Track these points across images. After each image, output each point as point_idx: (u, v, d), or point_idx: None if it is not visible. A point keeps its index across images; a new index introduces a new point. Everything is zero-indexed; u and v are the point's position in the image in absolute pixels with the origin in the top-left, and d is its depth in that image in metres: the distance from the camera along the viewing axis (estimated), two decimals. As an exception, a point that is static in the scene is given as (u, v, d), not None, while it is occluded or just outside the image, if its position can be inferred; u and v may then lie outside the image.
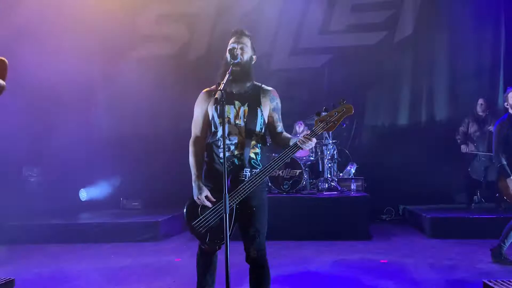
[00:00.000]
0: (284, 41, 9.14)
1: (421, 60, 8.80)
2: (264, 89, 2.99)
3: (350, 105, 2.75)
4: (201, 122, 2.97)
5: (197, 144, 2.95)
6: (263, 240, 2.86)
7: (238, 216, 2.79)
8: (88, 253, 6.03)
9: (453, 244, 5.97)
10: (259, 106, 2.91)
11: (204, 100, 2.97)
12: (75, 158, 8.26)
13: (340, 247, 5.92)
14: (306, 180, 7.06)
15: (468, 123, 7.35)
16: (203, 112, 2.96)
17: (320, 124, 2.74)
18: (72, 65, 8.41)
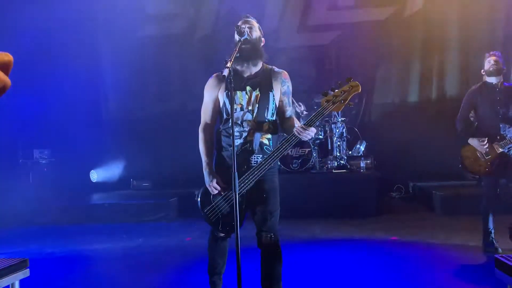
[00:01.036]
0: (292, 18, 8.99)
1: (432, 35, 8.61)
2: (275, 72, 2.90)
3: (357, 83, 2.67)
4: (211, 109, 2.90)
5: (207, 130, 2.90)
6: (275, 223, 2.80)
7: (249, 202, 2.75)
8: (99, 233, 6.11)
9: (464, 220, 5.94)
10: (271, 90, 2.82)
11: (215, 85, 2.88)
12: (85, 139, 8.30)
13: (349, 225, 5.93)
14: (315, 158, 7.03)
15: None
16: (213, 98, 2.88)
17: (320, 108, 2.66)
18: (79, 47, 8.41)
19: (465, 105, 4.71)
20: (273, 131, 2.87)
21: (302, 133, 2.61)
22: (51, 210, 6.99)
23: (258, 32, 2.89)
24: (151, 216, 6.81)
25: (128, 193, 8.38)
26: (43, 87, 8.05)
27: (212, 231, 2.94)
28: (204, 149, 2.87)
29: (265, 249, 2.80)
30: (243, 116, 2.79)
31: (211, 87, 2.90)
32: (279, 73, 2.91)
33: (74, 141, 8.12)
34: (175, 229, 6.25)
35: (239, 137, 2.78)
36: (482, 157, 4.55)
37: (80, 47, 8.50)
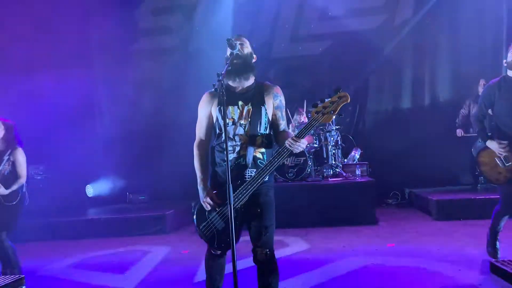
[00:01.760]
0: (284, 29, 9.10)
1: (423, 43, 8.72)
2: (267, 86, 2.92)
3: (346, 93, 2.63)
4: (205, 125, 2.91)
5: (202, 147, 2.91)
6: (270, 238, 2.78)
7: (245, 217, 2.74)
8: (97, 248, 6.08)
9: (460, 225, 5.97)
10: (263, 105, 2.84)
11: (208, 101, 2.89)
12: (80, 154, 8.29)
13: (347, 233, 5.94)
14: (311, 167, 7.06)
15: (469, 104, 7.28)
16: (207, 114, 2.89)
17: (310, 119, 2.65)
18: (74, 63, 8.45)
19: (482, 102, 4.09)
20: (266, 145, 2.86)
21: (293, 145, 2.60)
22: (47, 226, 6.94)
23: (249, 48, 2.92)
24: (148, 229, 6.79)
25: (124, 207, 8.36)
26: (37, 102, 8.04)
27: (209, 249, 2.92)
28: (199, 165, 2.88)
29: (260, 264, 2.78)
30: (235, 130, 2.80)
31: (204, 104, 2.91)
32: (271, 88, 2.93)
33: (69, 156, 8.09)
34: (172, 241, 6.23)
35: (232, 151, 2.78)
36: (501, 163, 3.98)
37: (74, 62, 8.53)
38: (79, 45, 8.71)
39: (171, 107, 8.94)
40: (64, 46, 8.33)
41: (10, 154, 4.48)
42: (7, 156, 4.46)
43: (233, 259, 2.35)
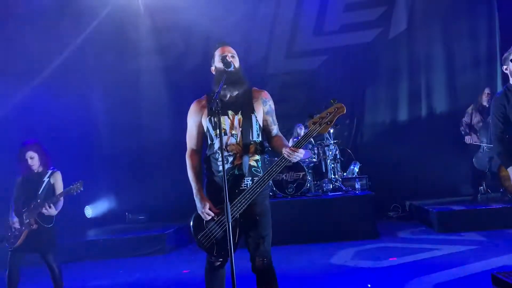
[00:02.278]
0: (279, 45, 9.16)
1: (418, 55, 8.79)
2: (255, 92, 2.95)
3: (342, 104, 2.72)
4: (196, 134, 2.94)
5: (194, 157, 2.93)
6: (268, 247, 2.80)
7: (243, 226, 2.76)
8: (96, 269, 6.01)
9: (462, 237, 5.93)
10: (252, 112, 2.87)
11: (197, 111, 2.93)
12: (78, 175, 8.21)
13: (348, 247, 5.88)
14: (310, 182, 7.03)
15: (471, 113, 7.25)
16: (196, 123, 2.92)
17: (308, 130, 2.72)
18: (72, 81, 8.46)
19: (495, 118, 3.74)
20: (260, 152, 2.90)
21: (291, 155, 2.65)
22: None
23: (237, 58, 2.96)
24: (148, 250, 6.72)
25: (123, 227, 8.29)
26: (34, 123, 8.02)
27: (208, 260, 2.90)
28: (193, 175, 2.88)
29: (259, 273, 2.79)
30: (228, 141, 2.81)
31: (193, 113, 2.94)
32: (260, 93, 2.96)
33: (67, 177, 8.02)
34: (172, 261, 6.16)
35: (226, 161, 2.78)
36: None
37: (71, 80, 8.54)
38: (77, 63, 8.71)
39: (169, 126, 8.94)
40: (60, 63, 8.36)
41: (49, 176, 4.57)
42: (47, 178, 4.53)
43: (232, 267, 2.37)
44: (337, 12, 8.93)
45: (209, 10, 9.07)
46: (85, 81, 9.09)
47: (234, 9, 9.01)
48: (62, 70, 8.37)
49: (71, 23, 8.55)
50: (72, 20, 8.59)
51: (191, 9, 8.98)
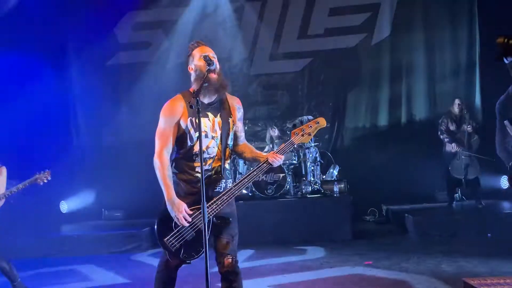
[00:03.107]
0: (264, 46, 9.17)
1: (399, 61, 8.92)
2: (230, 98, 2.94)
3: (323, 119, 2.93)
4: (170, 134, 2.80)
5: (164, 157, 2.77)
6: (236, 247, 2.83)
7: (215, 227, 2.75)
8: (71, 265, 5.91)
9: (436, 242, 6.02)
10: (230, 116, 2.87)
11: (174, 111, 2.80)
12: (55, 169, 8.07)
13: (324, 250, 5.92)
14: (289, 183, 7.06)
15: (446, 122, 7.39)
16: (172, 124, 2.80)
17: (290, 140, 2.86)
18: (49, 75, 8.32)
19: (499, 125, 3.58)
20: (231, 156, 2.97)
21: (275, 161, 2.75)
22: (18, 243, 6.71)
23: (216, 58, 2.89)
24: (123, 247, 6.65)
25: (99, 223, 8.19)
26: (11, 114, 7.85)
27: (165, 262, 2.87)
28: (165, 177, 2.74)
29: (228, 272, 2.77)
30: (209, 143, 2.80)
31: (169, 113, 2.82)
32: (234, 99, 2.97)
33: (43, 170, 7.88)
34: (148, 259, 6.10)
35: (204, 163, 2.75)
36: None
37: (50, 74, 8.40)
38: (56, 58, 8.60)
39: (148, 122, 8.80)
40: (40, 58, 8.21)
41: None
42: None
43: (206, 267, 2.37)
44: (322, 16, 9.00)
45: (195, 8, 9.06)
46: (66, 75, 8.97)
47: (220, 8, 9.02)
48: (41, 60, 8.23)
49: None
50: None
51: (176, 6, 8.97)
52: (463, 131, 7.17)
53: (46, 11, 8.34)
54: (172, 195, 2.72)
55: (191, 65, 2.89)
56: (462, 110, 7.29)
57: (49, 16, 8.37)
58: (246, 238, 2.93)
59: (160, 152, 2.79)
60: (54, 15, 8.51)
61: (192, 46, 2.93)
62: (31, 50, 8.03)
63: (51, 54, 8.45)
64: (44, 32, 8.23)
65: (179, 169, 2.85)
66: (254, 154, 2.92)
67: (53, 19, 8.45)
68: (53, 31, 8.43)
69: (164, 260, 2.88)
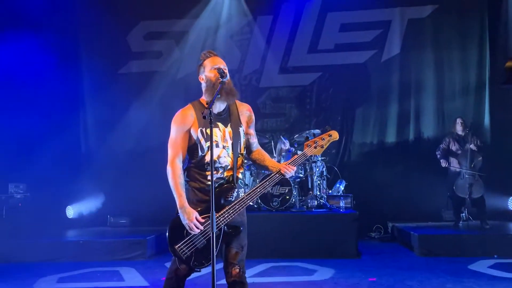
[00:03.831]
0: (274, 60, 9.24)
1: (408, 79, 8.93)
2: (240, 105, 2.98)
3: (336, 132, 3.01)
4: (181, 144, 2.84)
5: (177, 166, 2.82)
6: (244, 257, 2.85)
7: (226, 236, 2.78)
8: (74, 271, 5.92)
9: (442, 261, 5.97)
10: (240, 126, 2.92)
11: (185, 120, 2.85)
12: (63, 174, 8.18)
13: (329, 265, 5.88)
14: (295, 197, 7.05)
15: (448, 141, 7.41)
16: (183, 133, 2.84)
17: (303, 151, 2.94)
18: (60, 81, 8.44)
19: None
20: (243, 165, 3.00)
21: (287, 172, 2.83)
22: (24, 246, 6.75)
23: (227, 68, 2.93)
24: (128, 254, 6.64)
25: (104, 230, 8.21)
26: (22, 120, 7.95)
27: (175, 271, 2.87)
28: (177, 185, 2.77)
29: (234, 281, 2.77)
30: (220, 153, 2.83)
31: (180, 122, 2.86)
32: (244, 106, 3.00)
33: (51, 175, 7.96)
34: (152, 267, 6.10)
35: (216, 173, 2.81)
36: None
37: (61, 80, 8.52)
38: (68, 64, 8.72)
39: (156, 131, 8.91)
40: (53, 64, 8.34)
41: None
42: None
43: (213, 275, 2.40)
44: (332, 32, 9.07)
45: (207, 20, 9.18)
46: (77, 81, 9.09)
47: (232, 20, 9.14)
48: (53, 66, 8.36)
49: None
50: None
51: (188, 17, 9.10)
52: (466, 150, 7.15)
53: (60, 18, 8.51)
54: (184, 203, 2.75)
55: (202, 75, 2.94)
56: (465, 129, 7.30)
57: (63, 24, 8.52)
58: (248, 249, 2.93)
59: (173, 161, 2.83)
60: (68, 23, 8.67)
61: (204, 55, 2.97)
62: (44, 54, 8.17)
63: (64, 60, 8.57)
64: (58, 39, 8.38)
65: (191, 177, 2.89)
66: (267, 163, 2.98)
67: (67, 27, 8.60)
68: (67, 38, 8.59)
69: (174, 268, 2.88)
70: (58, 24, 8.45)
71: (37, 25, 8.12)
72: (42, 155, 7.97)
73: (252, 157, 3.05)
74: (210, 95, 2.76)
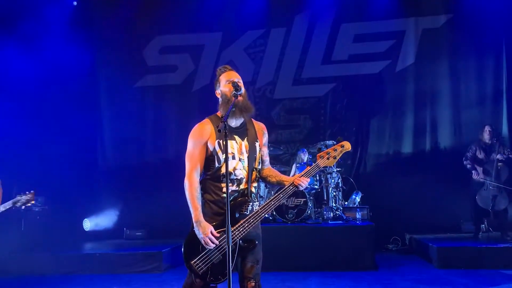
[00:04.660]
0: (287, 71, 9.26)
1: (424, 89, 8.85)
2: (256, 124, 3.04)
3: (348, 143, 3.00)
4: (199, 156, 2.87)
5: (194, 179, 2.84)
6: (259, 270, 2.85)
7: (242, 249, 2.78)
8: (90, 284, 5.95)
9: (461, 274, 5.85)
10: (256, 141, 2.95)
11: (202, 133, 2.89)
12: (80, 187, 8.29)
13: (346, 278, 5.81)
14: (310, 209, 7.00)
15: (475, 149, 7.23)
16: (200, 145, 2.87)
17: (316, 163, 2.95)
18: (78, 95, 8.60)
19: None
20: (258, 179, 3.03)
21: (301, 184, 2.83)
22: (41, 259, 6.82)
23: (242, 82, 2.97)
24: (143, 267, 6.65)
25: (120, 242, 8.25)
26: (41, 134, 8.11)
27: (191, 284, 2.85)
28: (193, 198, 2.79)
29: None
30: (236, 165, 2.85)
31: (198, 135, 2.90)
32: (260, 125, 3.07)
33: (69, 188, 8.08)
34: (167, 280, 6.10)
35: (232, 185, 2.81)
36: None
37: (79, 95, 8.68)
38: (85, 79, 8.88)
39: (172, 144, 9.02)
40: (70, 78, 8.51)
41: None
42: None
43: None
44: (346, 43, 9.06)
45: (222, 33, 9.28)
46: (94, 95, 9.25)
47: (246, 33, 9.22)
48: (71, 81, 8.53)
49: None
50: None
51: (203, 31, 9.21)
52: (492, 160, 6.99)
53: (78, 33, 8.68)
54: (200, 217, 2.76)
55: (218, 90, 3.00)
56: (492, 138, 7.13)
57: (79, 38, 8.69)
58: (263, 262, 2.93)
59: (190, 174, 2.86)
60: (85, 37, 8.83)
61: (219, 71, 3.03)
62: (63, 69, 8.36)
63: (82, 75, 8.74)
64: (76, 52, 8.54)
65: (206, 190, 2.90)
66: (279, 178, 3.00)
67: (84, 41, 8.76)
68: (85, 52, 8.74)
69: (190, 282, 2.88)
70: (77, 38, 8.62)
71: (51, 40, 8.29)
72: (60, 168, 8.09)
73: (263, 174, 3.07)
74: (225, 109, 2.79)
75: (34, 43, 8.12)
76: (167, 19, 9.19)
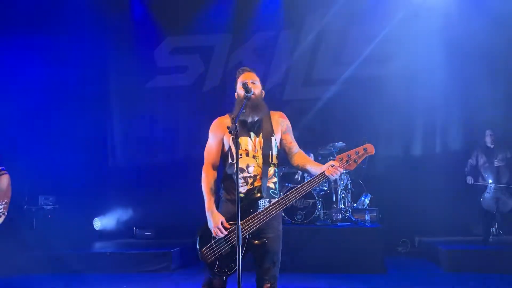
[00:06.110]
0: (297, 72, 9.25)
1: (434, 91, 8.78)
2: (273, 115, 3.07)
3: (371, 146, 2.84)
4: (215, 151, 2.99)
5: (210, 171, 2.96)
6: (277, 272, 2.86)
7: (252, 246, 2.78)
8: (100, 283, 6.01)
9: (470, 277, 5.81)
10: (272, 135, 2.96)
11: (219, 128, 2.99)
12: (90, 187, 8.37)
13: (354, 280, 5.80)
14: (319, 210, 7.00)
15: (477, 155, 7.25)
16: (217, 140, 2.99)
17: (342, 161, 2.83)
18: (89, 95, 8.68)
19: None
20: (276, 175, 2.99)
21: (335, 173, 2.75)
22: (52, 258, 6.89)
23: (259, 85, 3.05)
24: (153, 266, 6.70)
25: (130, 241, 8.31)
26: (51, 134, 8.20)
27: (209, 281, 2.90)
28: (207, 189, 2.90)
29: None
30: (249, 162, 2.88)
31: (216, 130, 3.01)
32: (276, 114, 3.10)
33: (79, 188, 8.16)
34: (177, 280, 6.14)
35: (245, 183, 2.86)
36: None
37: (90, 95, 8.77)
38: (96, 79, 8.97)
39: (182, 144, 9.06)
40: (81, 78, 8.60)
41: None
42: None
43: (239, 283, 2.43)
44: (357, 44, 9.01)
45: (232, 34, 9.31)
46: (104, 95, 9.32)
47: (256, 34, 9.23)
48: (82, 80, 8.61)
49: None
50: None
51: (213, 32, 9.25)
52: (494, 164, 6.99)
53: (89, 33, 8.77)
54: (211, 207, 2.84)
55: (236, 92, 3.08)
56: (493, 142, 7.15)
57: (91, 39, 8.77)
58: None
59: (207, 166, 2.98)
60: (96, 38, 8.91)
61: (238, 73, 3.11)
62: (74, 68, 8.45)
63: (93, 75, 8.82)
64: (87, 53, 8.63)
65: (226, 189, 2.96)
66: (310, 164, 2.94)
67: (95, 42, 8.85)
68: (96, 53, 8.82)
69: (208, 278, 2.93)
70: (88, 39, 8.71)
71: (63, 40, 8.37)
72: (70, 168, 8.18)
73: (294, 163, 3.05)
74: (238, 110, 2.83)
75: (45, 42, 8.22)
76: (178, 21, 9.25)
